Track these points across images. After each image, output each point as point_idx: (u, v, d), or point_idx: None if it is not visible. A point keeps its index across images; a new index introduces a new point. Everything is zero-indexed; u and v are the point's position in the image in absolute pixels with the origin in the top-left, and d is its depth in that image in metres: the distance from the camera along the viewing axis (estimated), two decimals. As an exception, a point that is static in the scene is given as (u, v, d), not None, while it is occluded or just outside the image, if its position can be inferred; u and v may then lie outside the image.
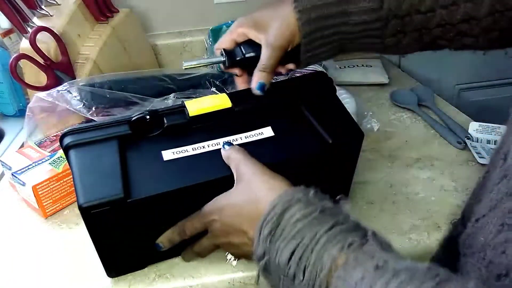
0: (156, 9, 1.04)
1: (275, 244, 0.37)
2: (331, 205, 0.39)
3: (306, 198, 0.39)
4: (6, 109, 0.95)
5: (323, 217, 0.37)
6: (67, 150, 0.49)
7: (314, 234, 0.35)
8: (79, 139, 0.49)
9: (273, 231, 0.38)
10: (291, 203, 0.38)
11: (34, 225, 0.64)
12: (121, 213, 0.46)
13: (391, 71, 1.06)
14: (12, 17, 0.77)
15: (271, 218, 0.38)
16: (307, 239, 0.35)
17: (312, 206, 0.38)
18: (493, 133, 0.77)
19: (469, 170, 0.70)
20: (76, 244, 0.60)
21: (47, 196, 0.64)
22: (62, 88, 0.70)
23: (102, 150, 0.49)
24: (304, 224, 0.36)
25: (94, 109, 0.69)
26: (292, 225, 0.37)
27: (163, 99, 0.73)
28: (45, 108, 0.71)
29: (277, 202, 0.39)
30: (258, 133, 0.53)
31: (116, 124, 0.51)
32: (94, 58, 0.79)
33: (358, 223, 0.37)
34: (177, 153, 0.50)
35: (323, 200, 0.39)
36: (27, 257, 0.59)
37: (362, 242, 0.34)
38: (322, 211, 0.37)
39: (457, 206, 0.62)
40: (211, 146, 0.51)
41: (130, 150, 0.50)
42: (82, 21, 0.82)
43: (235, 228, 0.43)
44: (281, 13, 0.50)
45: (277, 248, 0.37)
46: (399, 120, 0.86)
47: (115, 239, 0.50)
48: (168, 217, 0.50)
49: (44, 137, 0.74)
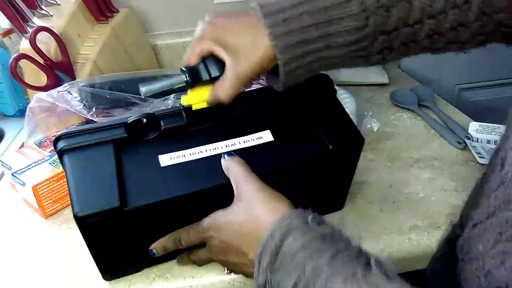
0: (156, 9, 1.04)
1: (276, 275, 0.36)
2: (331, 229, 0.37)
3: (304, 225, 0.37)
4: (6, 109, 0.95)
5: (323, 245, 0.35)
6: (61, 155, 0.48)
7: (314, 265, 0.34)
8: (73, 143, 0.47)
9: (273, 261, 0.36)
10: (289, 231, 0.37)
11: (34, 225, 0.64)
12: (116, 221, 0.45)
13: (391, 71, 1.06)
14: (12, 17, 0.77)
15: (270, 247, 0.37)
16: (308, 271, 0.34)
17: (311, 233, 0.36)
18: (493, 133, 0.77)
19: (469, 170, 0.70)
20: (76, 244, 0.60)
21: (47, 196, 0.64)
22: (62, 88, 0.70)
23: (97, 155, 0.47)
24: (304, 256, 0.35)
25: (94, 110, 0.69)
26: (292, 256, 0.35)
27: (163, 99, 0.73)
28: (45, 108, 0.71)
29: (274, 229, 0.38)
30: (257, 137, 0.52)
31: (111, 127, 0.49)
32: (94, 58, 0.79)
33: (360, 249, 0.36)
34: (174, 158, 0.49)
35: (322, 223, 0.38)
36: (27, 257, 0.59)
37: (366, 272, 0.32)
38: (322, 238, 0.36)
39: (457, 206, 0.62)
40: (210, 151, 0.50)
41: (126, 154, 0.49)
42: (82, 21, 0.82)
43: (234, 248, 0.42)
44: (253, 35, 0.42)
45: (278, 280, 0.35)
46: (399, 120, 0.86)
47: (110, 245, 0.49)
48: (165, 224, 0.49)
49: (44, 137, 0.74)
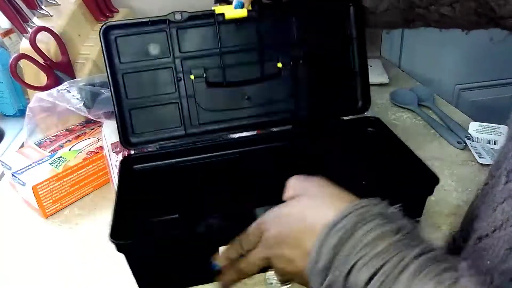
0: (156, 9, 1.03)
1: (346, 259, 0.32)
2: (411, 226, 0.33)
3: (385, 214, 0.34)
4: (6, 109, 0.95)
5: (408, 240, 0.32)
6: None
7: (400, 258, 0.30)
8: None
9: (344, 241, 0.32)
10: (367, 216, 0.33)
11: (34, 225, 0.64)
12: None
13: (391, 71, 1.06)
14: (12, 17, 0.77)
15: (343, 226, 0.32)
16: (391, 263, 0.30)
17: (393, 224, 0.33)
18: (493, 133, 0.77)
19: (469, 170, 0.70)
20: (76, 244, 0.60)
21: (47, 196, 0.64)
22: (62, 87, 0.70)
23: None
24: (387, 244, 0.31)
25: (94, 109, 0.69)
26: (372, 242, 0.31)
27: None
28: (45, 108, 0.71)
29: (350, 210, 0.33)
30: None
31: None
32: (94, 58, 0.79)
33: (445, 253, 0.32)
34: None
35: (403, 218, 0.34)
36: (27, 257, 0.59)
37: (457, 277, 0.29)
38: (405, 232, 0.32)
39: (457, 206, 0.62)
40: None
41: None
42: (82, 21, 0.82)
43: (293, 237, 0.37)
44: None
45: (351, 265, 0.31)
46: (399, 120, 0.86)
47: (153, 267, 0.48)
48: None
49: (44, 137, 0.74)
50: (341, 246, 0.32)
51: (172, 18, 0.55)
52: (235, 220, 0.44)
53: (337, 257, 0.32)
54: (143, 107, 0.56)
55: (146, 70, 0.56)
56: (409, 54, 1.17)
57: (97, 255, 0.57)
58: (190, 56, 0.57)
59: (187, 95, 0.57)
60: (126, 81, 0.56)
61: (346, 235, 0.32)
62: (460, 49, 1.16)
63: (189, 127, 0.56)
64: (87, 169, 0.68)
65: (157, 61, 0.56)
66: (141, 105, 0.56)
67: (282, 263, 0.39)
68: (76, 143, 0.72)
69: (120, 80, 0.56)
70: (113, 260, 0.56)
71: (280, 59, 0.59)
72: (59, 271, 0.56)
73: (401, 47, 1.17)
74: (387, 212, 0.34)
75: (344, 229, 0.32)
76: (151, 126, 0.56)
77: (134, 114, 0.56)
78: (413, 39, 1.15)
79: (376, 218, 0.33)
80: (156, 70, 0.57)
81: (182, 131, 0.56)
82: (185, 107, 0.56)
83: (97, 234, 0.61)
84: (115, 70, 0.55)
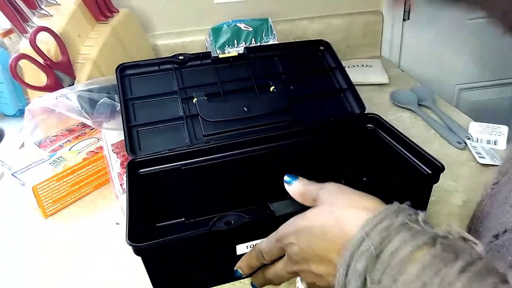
0: (156, 9, 1.04)
1: (378, 287, 0.29)
2: (442, 233, 0.30)
3: (411, 223, 0.30)
4: (6, 109, 0.95)
5: (445, 253, 0.28)
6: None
7: (441, 279, 0.26)
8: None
9: (371, 266, 0.29)
10: (391, 230, 0.30)
11: (34, 225, 0.64)
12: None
13: (391, 71, 1.06)
14: (12, 17, 0.77)
15: (368, 248, 0.30)
16: (432, 285, 0.26)
17: (424, 236, 0.29)
18: (493, 133, 0.77)
19: (469, 170, 0.70)
20: (76, 244, 0.60)
21: (47, 196, 0.64)
22: (59, 94, 0.68)
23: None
24: (423, 263, 0.27)
25: (93, 115, 0.68)
26: (401, 263, 0.28)
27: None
28: (45, 108, 0.71)
29: (371, 227, 0.30)
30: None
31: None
32: (94, 58, 0.79)
33: (487, 262, 0.28)
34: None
35: (427, 223, 0.31)
36: (27, 257, 0.59)
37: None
38: (441, 243, 0.29)
39: (457, 206, 0.62)
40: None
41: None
42: (82, 21, 0.82)
43: (317, 254, 0.35)
44: None
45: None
46: (399, 120, 0.86)
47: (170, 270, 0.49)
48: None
49: (44, 137, 0.74)
50: (370, 271, 0.29)
51: (176, 59, 0.68)
52: (251, 216, 0.46)
53: (368, 286, 0.30)
54: (150, 128, 0.62)
55: (154, 100, 0.64)
56: (409, 54, 1.17)
57: (97, 255, 0.57)
58: (193, 86, 0.67)
59: (191, 115, 0.63)
60: (136, 109, 0.63)
61: (372, 258, 0.30)
62: (460, 49, 1.16)
63: (194, 139, 0.61)
64: (87, 169, 0.68)
65: (164, 93, 0.65)
66: (148, 126, 0.62)
67: (310, 278, 0.38)
68: (76, 143, 0.72)
69: (131, 107, 0.63)
70: (113, 260, 0.56)
71: (272, 84, 0.67)
72: (59, 271, 0.56)
73: (401, 47, 1.17)
74: (410, 219, 0.31)
75: (369, 252, 0.30)
76: (158, 143, 0.60)
77: (142, 134, 0.61)
78: (413, 39, 1.15)
79: (400, 231, 0.30)
80: (163, 99, 0.65)
81: (188, 143, 0.61)
82: (189, 125, 0.62)
83: (97, 234, 0.61)
84: (127, 100, 0.64)
